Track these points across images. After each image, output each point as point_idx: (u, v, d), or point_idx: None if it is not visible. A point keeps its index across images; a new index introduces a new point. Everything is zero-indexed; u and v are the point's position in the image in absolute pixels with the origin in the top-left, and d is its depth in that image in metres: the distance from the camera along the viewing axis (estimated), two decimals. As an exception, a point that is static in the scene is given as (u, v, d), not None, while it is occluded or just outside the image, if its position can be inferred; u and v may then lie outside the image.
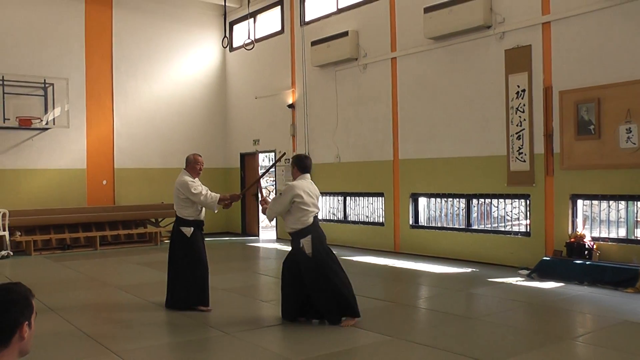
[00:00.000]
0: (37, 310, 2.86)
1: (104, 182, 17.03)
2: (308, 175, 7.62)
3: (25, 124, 15.16)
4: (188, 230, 8.27)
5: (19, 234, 14.87)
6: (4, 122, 15.02)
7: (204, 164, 8.72)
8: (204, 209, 8.44)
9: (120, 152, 17.25)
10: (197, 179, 8.40)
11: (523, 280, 10.05)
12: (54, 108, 15.85)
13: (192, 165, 8.44)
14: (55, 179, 16.23)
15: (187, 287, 8.16)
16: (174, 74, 18.36)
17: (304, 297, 7.39)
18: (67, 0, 16.44)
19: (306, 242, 7.29)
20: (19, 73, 15.37)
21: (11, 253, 14.23)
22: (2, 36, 15.47)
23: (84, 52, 16.71)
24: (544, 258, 10.45)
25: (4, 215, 14.53)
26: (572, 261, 9.99)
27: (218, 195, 8.36)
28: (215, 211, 8.50)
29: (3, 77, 15.00)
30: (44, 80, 15.67)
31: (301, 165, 7.61)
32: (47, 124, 15.72)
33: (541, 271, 10.21)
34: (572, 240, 10.26)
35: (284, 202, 7.37)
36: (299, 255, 7.34)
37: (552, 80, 10.75)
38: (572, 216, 10.59)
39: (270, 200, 7.83)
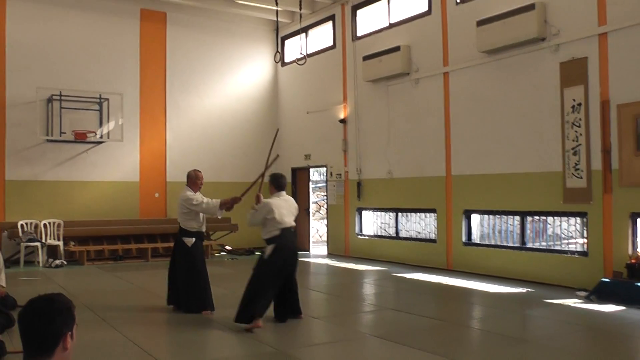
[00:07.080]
0: (90, 320, 2.85)
1: (157, 194, 17.26)
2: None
3: (80, 137, 15.54)
4: (190, 241, 8.97)
5: (73, 244, 15.31)
6: (61, 136, 15.49)
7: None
8: (205, 221, 9.25)
9: (172, 165, 17.43)
10: (198, 193, 9.06)
11: (581, 302, 9.59)
12: (108, 122, 16.31)
13: (193, 181, 9.16)
14: (109, 191, 16.55)
15: (190, 294, 8.89)
16: (226, 89, 18.53)
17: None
18: (122, 18, 16.83)
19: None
20: (76, 88, 15.78)
21: (65, 262, 14.74)
22: (60, 53, 15.98)
23: (139, 68, 17.06)
24: (603, 279, 9.99)
25: (58, 225, 15.20)
26: (633, 283, 9.46)
27: (219, 200, 9.00)
28: (219, 216, 9.32)
29: (61, 92, 15.43)
30: (100, 95, 16.10)
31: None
32: (101, 137, 16.10)
33: (600, 293, 9.73)
34: (632, 261, 9.77)
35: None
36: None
37: (610, 93, 10.43)
38: (632, 235, 10.17)
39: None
